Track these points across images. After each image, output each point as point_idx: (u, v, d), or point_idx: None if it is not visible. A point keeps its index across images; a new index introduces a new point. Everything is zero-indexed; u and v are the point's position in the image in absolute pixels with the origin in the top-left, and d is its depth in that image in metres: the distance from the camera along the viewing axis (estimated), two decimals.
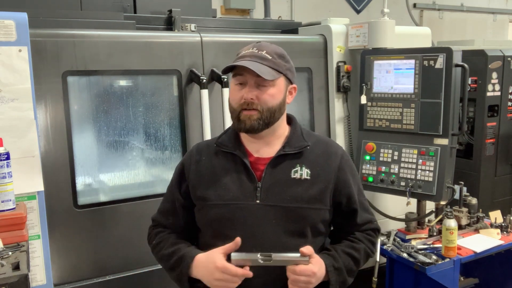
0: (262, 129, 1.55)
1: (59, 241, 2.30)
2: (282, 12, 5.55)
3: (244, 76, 1.52)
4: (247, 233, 1.52)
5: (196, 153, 1.69)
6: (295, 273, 1.44)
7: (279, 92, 1.56)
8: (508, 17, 7.96)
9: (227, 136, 1.67)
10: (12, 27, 1.91)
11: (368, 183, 2.89)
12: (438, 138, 2.66)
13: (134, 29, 2.70)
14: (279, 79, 1.55)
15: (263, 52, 1.54)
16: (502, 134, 3.87)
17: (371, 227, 1.71)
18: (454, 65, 2.59)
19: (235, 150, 1.61)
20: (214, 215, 1.58)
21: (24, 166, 1.96)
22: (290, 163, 1.59)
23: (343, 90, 2.99)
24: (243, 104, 1.52)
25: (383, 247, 2.79)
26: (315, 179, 1.58)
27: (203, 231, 1.65)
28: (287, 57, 1.61)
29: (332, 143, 1.73)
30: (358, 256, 1.64)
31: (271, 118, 1.55)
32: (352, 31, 2.97)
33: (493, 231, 2.88)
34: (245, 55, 1.54)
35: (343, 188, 1.63)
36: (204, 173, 1.62)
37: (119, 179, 2.55)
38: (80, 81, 2.41)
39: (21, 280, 1.44)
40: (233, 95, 1.57)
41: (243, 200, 1.56)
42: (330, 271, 1.53)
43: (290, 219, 1.55)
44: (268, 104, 1.53)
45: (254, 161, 1.61)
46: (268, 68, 1.51)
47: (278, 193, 1.56)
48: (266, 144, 1.62)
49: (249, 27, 3.26)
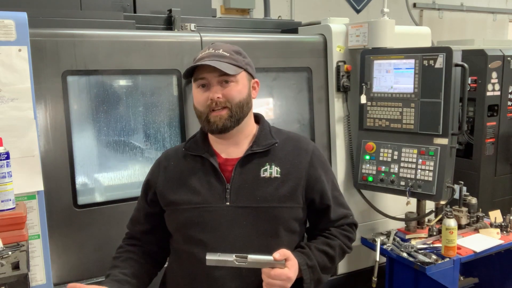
0: (233, 127, 1.54)
1: (59, 241, 2.30)
2: (282, 11, 5.55)
3: (206, 78, 1.51)
4: (218, 236, 1.51)
5: (164, 159, 1.68)
6: (270, 276, 1.41)
7: (244, 87, 1.56)
8: (508, 16, 7.96)
9: (195, 139, 1.66)
10: (12, 27, 1.91)
11: (368, 183, 2.90)
12: (438, 138, 2.67)
13: (134, 28, 2.70)
14: (240, 74, 1.54)
15: (220, 51, 1.54)
16: (502, 134, 3.88)
17: (346, 222, 1.69)
18: (454, 65, 2.59)
19: (203, 152, 1.60)
20: (184, 219, 1.56)
21: (24, 166, 1.96)
22: (259, 162, 1.57)
23: (343, 90, 2.99)
24: (210, 105, 1.51)
25: (383, 247, 2.79)
26: (285, 177, 1.56)
27: (175, 237, 1.63)
28: (244, 53, 1.61)
29: (302, 139, 1.69)
30: (332, 253, 1.61)
31: (241, 113, 1.54)
32: (352, 30, 2.97)
33: (492, 230, 2.88)
34: (203, 57, 1.52)
35: (315, 185, 1.60)
36: (172, 178, 1.61)
37: (119, 178, 2.55)
38: (80, 81, 2.41)
39: (21, 279, 1.44)
40: (197, 98, 1.54)
41: (212, 203, 1.54)
42: (303, 269, 1.50)
43: (261, 219, 1.53)
44: (236, 100, 1.52)
45: (222, 163, 1.59)
46: (228, 64, 1.50)
47: (248, 194, 1.54)
48: (234, 144, 1.60)
49: (249, 27, 3.26)
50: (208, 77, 1.51)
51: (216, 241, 1.51)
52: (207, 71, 1.50)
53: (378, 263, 2.70)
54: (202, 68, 1.50)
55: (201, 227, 1.53)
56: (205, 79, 1.51)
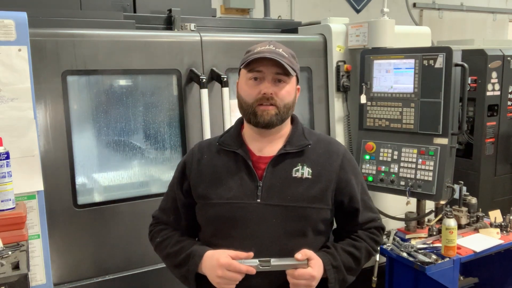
0: (277, 125, 1.56)
1: (59, 241, 2.30)
2: (282, 11, 5.55)
3: (262, 72, 1.52)
4: (247, 232, 1.53)
5: (198, 151, 1.68)
6: (294, 277, 1.44)
7: (292, 90, 1.58)
8: (508, 16, 7.96)
9: (229, 134, 1.67)
10: (12, 27, 1.91)
11: (368, 183, 2.89)
12: (438, 138, 2.66)
13: (134, 28, 2.70)
14: (293, 77, 1.56)
15: (280, 50, 1.54)
16: (502, 134, 3.88)
17: (374, 226, 1.70)
18: (454, 65, 2.59)
19: (237, 148, 1.61)
20: (215, 213, 1.57)
21: (24, 166, 1.96)
22: (292, 162, 1.59)
23: (343, 90, 2.99)
24: (261, 99, 1.52)
25: (383, 247, 2.79)
26: (316, 178, 1.58)
27: (204, 229, 1.65)
28: (296, 59, 1.62)
29: (334, 141, 1.72)
30: (358, 255, 1.63)
31: (286, 114, 1.57)
32: (352, 30, 2.97)
33: (492, 230, 2.88)
34: (263, 51, 1.52)
35: (345, 188, 1.62)
36: (205, 172, 1.62)
37: (119, 178, 2.55)
38: (80, 81, 2.41)
39: (21, 279, 1.44)
40: (248, 90, 1.55)
41: (244, 199, 1.56)
42: (328, 269, 1.52)
43: (290, 218, 1.55)
44: (285, 101, 1.54)
45: (256, 160, 1.60)
46: (287, 65, 1.51)
47: (278, 192, 1.55)
48: (268, 142, 1.62)
49: (248, 27, 3.26)
50: (265, 71, 1.51)
51: (244, 237, 1.52)
52: (265, 66, 1.50)
53: (378, 263, 2.70)
54: (259, 61, 1.50)
55: (231, 222, 1.55)
56: (261, 72, 1.52)
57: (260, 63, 1.51)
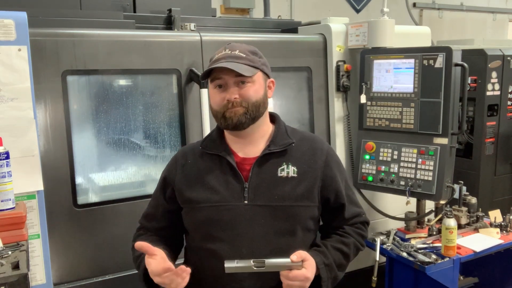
0: (248, 124, 1.55)
1: (59, 241, 2.30)
2: (282, 11, 5.55)
3: (223, 79, 1.53)
4: (236, 234, 1.53)
5: (181, 157, 1.69)
6: (288, 278, 1.44)
7: (260, 87, 1.58)
8: (507, 16, 7.96)
9: (211, 138, 1.67)
10: (12, 26, 1.91)
11: (367, 183, 2.90)
12: (438, 138, 2.67)
13: (134, 28, 2.70)
14: (256, 74, 1.56)
15: (236, 52, 1.55)
16: (502, 134, 3.88)
17: (359, 220, 1.72)
18: (454, 65, 2.59)
19: (220, 151, 1.61)
20: (202, 217, 1.57)
21: (24, 166, 1.96)
22: (276, 161, 1.59)
23: (343, 90, 2.99)
24: (227, 105, 1.53)
25: (383, 247, 2.79)
26: (302, 177, 1.59)
27: (192, 234, 1.65)
28: (260, 53, 1.62)
29: (317, 139, 1.72)
30: (347, 251, 1.64)
31: (257, 112, 1.56)
32: (352, 30, 2.97)
33: (492, 230, 2.88)
34: (220, 58, 1.54)
35: (331, 184, 1.63)
36: (190, 176, 1.62)
37: (119, 178, 2.55)
38: (80, 81, 2.41)
39: (21, 279, 1.44)
40: (214, 98, 1.57)
41: (231, 201, 1.56)
42: (321, 268, 1.53)
43: (279, 218, 1.55)
44: (252, 99, 1.54)
45: (240, 162, 1.60)
46: (245, 65, 1.52)
47: (265, 193, 1.56)
48: (250, 143, 1.62)
49: (248, 27, 3.26)
50: (225, 78, 1.52)
51: (234, 239, 1.52)
52: (224, 72, 1.51)
53: (378, 262, 2.70)
54: (219, 69, 1.51)
55: (220, 225, 1.55)
56: (222, 80, 1.53)
57: (219, 71, 1.52)
